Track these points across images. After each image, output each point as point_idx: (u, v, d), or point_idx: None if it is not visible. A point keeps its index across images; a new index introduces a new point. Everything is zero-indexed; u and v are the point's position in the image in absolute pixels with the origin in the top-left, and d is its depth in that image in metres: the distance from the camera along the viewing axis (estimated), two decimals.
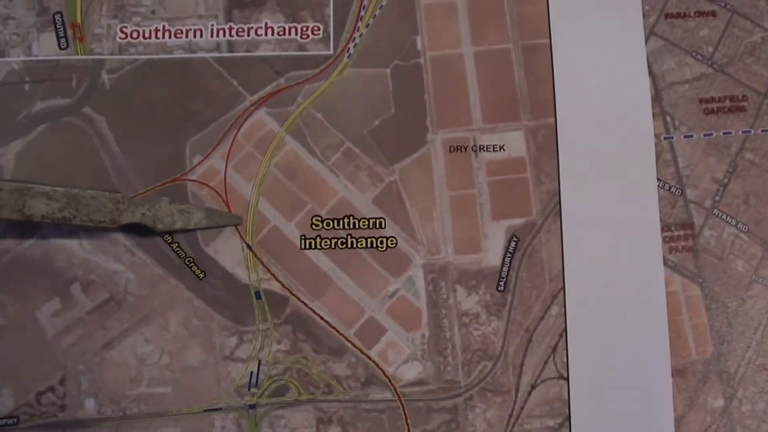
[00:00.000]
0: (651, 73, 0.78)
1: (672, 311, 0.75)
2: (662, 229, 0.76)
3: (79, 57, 0.79)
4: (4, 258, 0.76)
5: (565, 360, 0.75)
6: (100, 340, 0.75)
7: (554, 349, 0.76)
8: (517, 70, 0.79)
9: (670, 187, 0.77)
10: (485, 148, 0.77)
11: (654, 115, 0.77)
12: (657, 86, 0.78)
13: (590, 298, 0.76)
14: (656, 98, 0.78)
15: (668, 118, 0.78)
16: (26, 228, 0.76)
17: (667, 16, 0.79)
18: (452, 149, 0.77)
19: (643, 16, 0.79)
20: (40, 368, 0.75)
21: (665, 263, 0.76)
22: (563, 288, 0.76)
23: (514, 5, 0.80)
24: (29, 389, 0.75)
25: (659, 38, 0.79)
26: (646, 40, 0.79)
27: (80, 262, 0.76)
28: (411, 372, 0.74)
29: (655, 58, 0.79)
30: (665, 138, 0.76)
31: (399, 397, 0.74)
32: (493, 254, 0.76)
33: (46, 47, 0.79)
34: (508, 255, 0.76)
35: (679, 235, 0.77)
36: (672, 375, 0.74)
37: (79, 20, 0.79)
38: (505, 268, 0.76)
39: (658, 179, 0.77)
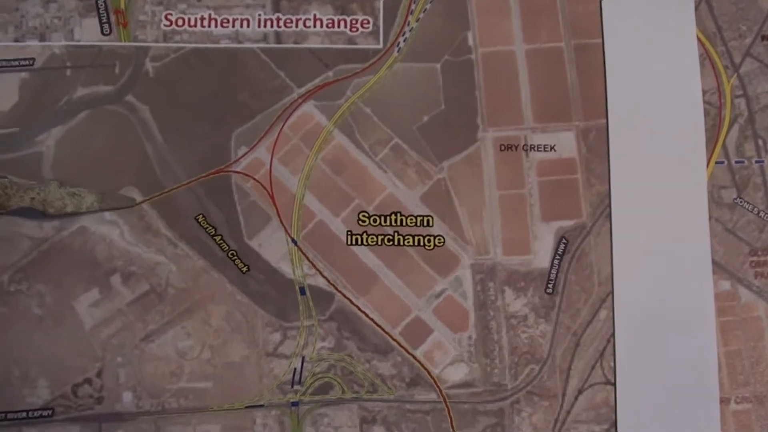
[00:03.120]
0: (745, 95, 0.79)
1: (754, 337, 0.77)
2: (749, 254, 0.77)
3: (123, 43, 0.80)
4: (42, 247, 0.77)
5: (612, 365, 0.76)
6: (139, 332, 0.76)
7: (602, 354, 0.77)
8: (569, 70, 0.80)
9: (759, 212, 0.78)
10: (536, 148, 0.78)
11: (746, 138, 0.79)
12: (751, 108, 0.80)
13: (639, 302, 0.77)
14: (749, 120, 0.79)
15: (760, 142, 0.79)
16: (66, 216, 0.77)
17: (763, 38, 0.80)
18: (503, 148, 0.78)
19: (740, 36, 0.80)
20: (77, 360, 0.76)
21: (750, 288, 0.77)
22: (612, 292, 0.77)
23: (566, 4, 0.81)
24: (65, 381, 0.75)
25: (755, 60, 0.80)
26: (741, 62, 0.79)
27: (121, 253, 0.77)
28: (457, 373, 0.75)
29: (750, 80, 0.80)
30: (756, 162, 0.78)
31: (444, 399, 0.75)
32: (542, 256, 0.77)
33: (88, 32, 0.80)
34: (557, 257, 0.77)
35: (766, 260, 0.78)
36: (750, 401, 0.76)
37: (122, 6, 0.80)
38: (554, 271, 0.77)
39: (747, 203, 0.78)
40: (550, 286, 0.77)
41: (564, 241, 0.78)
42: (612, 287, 0.78)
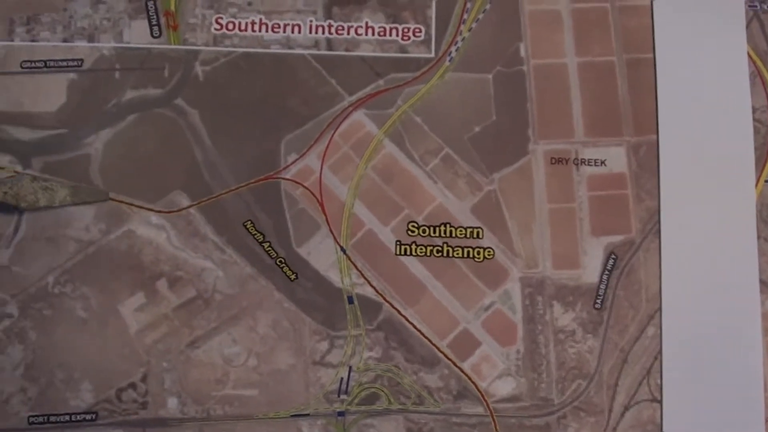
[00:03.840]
0: None
1: None
2: None
3: (172, 46, 0.80)
4: (89, 249, 0.77)
5: (659, 382, 0.76)
6: (185, 338, 0.76)
7: (649, 371, 0.77)
8: (621, 84, 0.80)
9: None
10: (586, 162, 0.78)
11: None
12: None
13: (687, 320, 0.77)
14: None
15: None
16: (113, 220, 0.77)
17: None
18: (554, 161, 0.78)
19: None
20: (121, 364, 0.75)
21: None
22: (660, 309, 0.77)
23: (618, 18, 0.81)
24: (109, 385, 0.75)
25: None
26: None
27: (167, 257, 0.76)
28: (504, 387, 0.75)
29: None
30: None
31: (491, 413, 0.75)
32: (591, 271, 0.77)
33: (137, 34, 0.80)
34: (606, 272, 0.77)
35: None
36: None
37: (173, 8, 0.80)
38: (602, 286, 0.77)
39: None
40: (598, 301, 0.77)
41: (613, 256, 0.78)
42: (660, 304, 0.78)
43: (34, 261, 0.77)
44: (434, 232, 0.78)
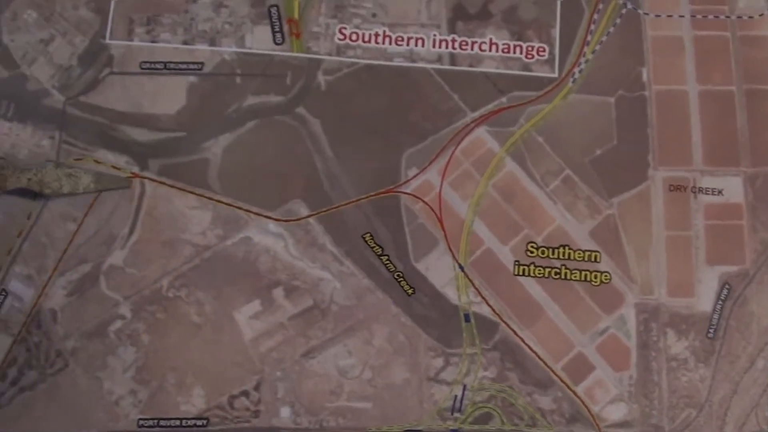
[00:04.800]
0: None
1: None
2: None
3: (296, 54, 0.80)
4: (205, 254, 0.77)
5: (767, 415, 0.77)
6: (300, 347, 0.76)
7: (757, 403, 0.77)
8: (739, 114, 0.81)
9: None
10: (704, 191, 0.79)
11: None
12: None
13: None
14: None
15: None
16: (230, 226, 0.77)
17: None
18: (672, 188, 0.79)
19: None
20: (235, 371, 0.76)
21: None
22: None
23: (740, 48, 0.82)
24: (222, 391, 0.76)
25: None
26: None
27: (285, 266, 0.77)
28: (616, 413, 0.76)
29: None
30: None
31: None
32: (705, 300, 0.78)
33: (260, 40, 0.80)
34: (720, 302, 0.78)
35: None
36: None
37: (296, 16, 0.80)
38: (716, 315, 0.77)
39: None
40: (711, 330, 0.78)
41: (727, 286, 0.79)
42: None
43: (148, 263, 0.78)
44: (553, 253, 0.78)
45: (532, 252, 0.78)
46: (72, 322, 0.77)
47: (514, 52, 0.81)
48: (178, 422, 0.76)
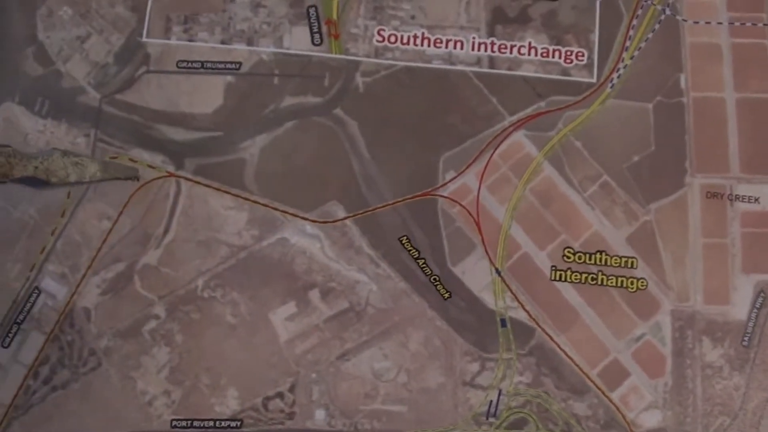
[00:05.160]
0: None
1: None
2: None
3: (334, 55, 0.80)
4: (240, 255, 0.77)
5: None
6: (336, 350, 0.76)
7: None
8: None
9: None
10: (741, 198, 0.79)
11: None
12: None
13: None
14: None
15: None
16: (266, 227, 0.77)
17: None
18: (709, 195, 0.79)
19: None
20: (269, 372, 0.76)
21: None
22: None
23: None
24: (256, 393, 0.75)
25: None
26: None
27: (321, 268, 0.77)
28: (651, 420, 0.76)
29: None
30: None
31: None
32: (740, 308, 0.78)
33: (298, 41, 0.80)
34: (755, 310, 0.78)
35: None
36: None
37: (335, 17, 0.80)
38: (750, 324, 0.78)
39: None
40: (746, 338, 0.78)
41: (762, 294, 0.79)
42: None
43: (183, 263, 0.78)
44: (590, 259, 0.78)
45: (569, 257, 0.78)
46: (106, 321, 0.77)
47: (553, 57, 0.81)
48: (211, 423, 0.76)
